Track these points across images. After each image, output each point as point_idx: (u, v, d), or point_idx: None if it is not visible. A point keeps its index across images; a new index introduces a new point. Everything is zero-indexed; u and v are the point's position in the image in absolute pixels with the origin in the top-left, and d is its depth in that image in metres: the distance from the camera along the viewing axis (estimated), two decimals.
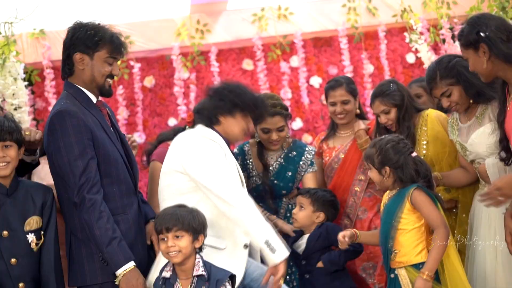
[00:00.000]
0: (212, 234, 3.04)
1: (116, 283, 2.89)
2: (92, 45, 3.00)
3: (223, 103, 3.20)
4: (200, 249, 2.91)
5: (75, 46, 3.02)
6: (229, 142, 3.29)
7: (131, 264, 2.89)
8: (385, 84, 3.81)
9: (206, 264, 2.90)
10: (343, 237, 3.30)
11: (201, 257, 2.91)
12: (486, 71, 3.01)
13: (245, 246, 3.11)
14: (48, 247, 2.96)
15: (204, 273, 2.86)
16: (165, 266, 2.94)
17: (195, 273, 2.87)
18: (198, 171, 3.04)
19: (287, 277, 3.85)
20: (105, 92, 3.09)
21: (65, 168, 2.91)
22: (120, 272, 2.87)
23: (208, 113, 3.22)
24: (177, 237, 2.84)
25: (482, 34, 2.95)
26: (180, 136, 3.21)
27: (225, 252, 3.08)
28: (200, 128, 3.21)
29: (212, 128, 3.20)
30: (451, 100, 3.41)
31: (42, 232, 2.96)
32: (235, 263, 3.06)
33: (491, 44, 2.93)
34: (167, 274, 2.91)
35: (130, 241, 2.97)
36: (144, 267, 3.02)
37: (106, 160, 2.98)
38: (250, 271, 3.12)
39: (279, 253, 2.94)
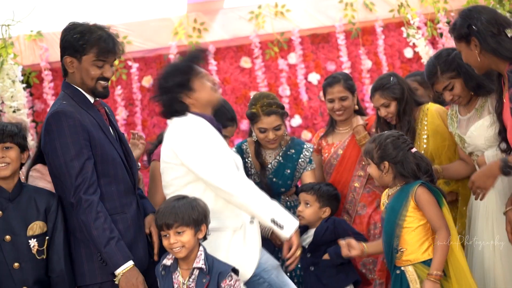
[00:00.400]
0: (225, 217, 3.06)
1: (116, 282, 2.89)
2: (79, 48, 2.98)
3: (174, 90, 3.15)
4: (205, 237, 2.92)
5: (65, 49, 3.03)
6: (214, 116, 3.27)
7: (130, 263, 2.90)
8: (385, 78, 3.82)
9: (208, 258, 2.91)
10: (344, 244, 3.31)
11: (204, 250, 2.92)
12: (479, 64, 3.03)
13: (251, 222, 3.13)
14: (58, 252, 2.95)
15: (203, 266, 2.87)
16: (168, 253, 2.96)
17: (195, 265, 2.88)
18: (194, 164, 3.03)
19: (287, 274, 3.78)
20: (99, 94, 3.07)
21: (61, 169, 2.91)
22: (119, 271, 2.88)
23: (173, 108, 3.16)
24: (179, 233, 2.85)
25: (473, 27, 2.96)
26: (169, 131, 3.17)
27: (240, 233, 3.09)
28: (182, 119, 3.16)
29: (192, 112, 3.16)
30: (453, 93, 3.41)
31: (46, 238, 2.95)
32: (250, 241, 3.10)
33: (481, 38, 2.94)
34: (168, 262, 2.93)
35: (129, 240, 2.98)
36: (145, 267, 3.03)
37: (103, 160, 2.98)
38: (262, 261, 3.14)
39: (287, 228, 2.96)
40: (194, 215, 2.86)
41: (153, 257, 3.11)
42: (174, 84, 3.15)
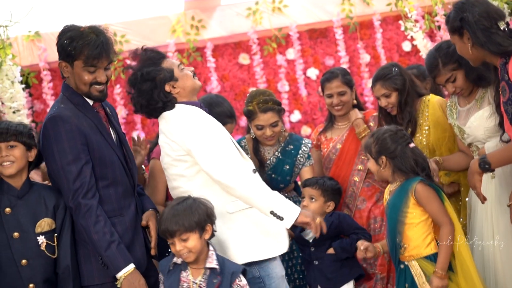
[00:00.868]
0: None
1: (118, 286, 2.91)
2: (69, 54, 2.96)
3: (156, 86, 3.11)
4: (212, 235, 2.92)
5: (59, 54, 3.01)
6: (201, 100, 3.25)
7: (131, 266, 2.91)
8: (387, 68, 3.82)
9: (219, 258, 2.92)
10: (362, 244, 3.33)
11: (215, 250, 2.93)
12: (472, 57, 3.04)
13: None
14: (65, 249, 2.96)
15: (217, 266, 2.87)
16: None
17: (207, 265, 2.88)
18: (196, 154, 3.01)
19: (288, 269, 3.88)
20: (95, 98, 3.04)
21: (59, 173, 2.92)
22: (120, 274, 2.89)
23: (160, 102, 3.12)
24: (184, 239, 2.85)
25: (465, 20, 2.97)
26: (166, 124, 3.13)
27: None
28: (174, 111, 3.12)
29: (180, 102, 3.15)
30: (456, 85, 3.42)
31: (55, 235, 2.96)
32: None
33: (471, 32, 2.95)
34: (178, 260, 2.93)
35: (127, 242, 2.98)
36: (143, 269, 3.02)
37: (101, 163, 2.97)
38: (271, 265, 3.14)
39: (287, 219, 2.94)
40: (195, 218, 2.85)
41: (151, 257, 3.12)
42: (155, 77, 3.11)
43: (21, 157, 2.96)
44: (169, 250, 3.35)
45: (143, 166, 3.76)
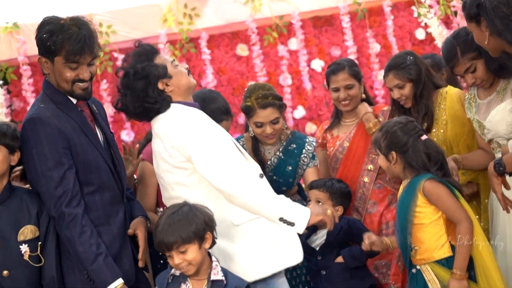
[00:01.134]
0: None
1: None
2: (48, 49, 2.93)
3: (150, 82, 3.08)
4: (214, 243, 2.90)
5: (39, 49, 2.98)
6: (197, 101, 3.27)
7: (120, 281, 2.89)
8: (401, 56, 3.81)
9: (222, 270, 2.92)
10: (368, 238, 3.34)
11: (218, 261, 2.93)
12: (491, 46, 2.99)
13: None
14: (49, 258, 2.95)
15: (223, 278, 2.88)
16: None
17: (213, 277, 2.88)
18: (195, 160, 2.99)
19: (292, 281, 3.84)
20: (78, 97, 3.01)
21: (39, 180, 2.90)
22: None
23: (158, 103, 3.10)
24: (182, 252, 2.84)
25: (482, 6, 2.90)
26: (162, 128, 3.09)
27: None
28: (170, 112, 3.10)
29: (175, 102, 3.13)
30: (476, 76, 3.41)
31: (39, 243, 2.94)
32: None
33: (488, 19, 2.88)
34: (177, 272, 2.93)
35: (113, 254, 2.96)
36: (132, 282, 3.02)
37: (86, 168, 2.96)
38: (277, 282, 3.12)
39: (299, 223, 2.92)
40: (192, 228, 2.83)
41: (140, 269, 3.11)
42: (150, 75, 3.10)
43: (2, 160, 2.93)
44: (161, 261, 3.44)
45: (135, 176, 3.75)
